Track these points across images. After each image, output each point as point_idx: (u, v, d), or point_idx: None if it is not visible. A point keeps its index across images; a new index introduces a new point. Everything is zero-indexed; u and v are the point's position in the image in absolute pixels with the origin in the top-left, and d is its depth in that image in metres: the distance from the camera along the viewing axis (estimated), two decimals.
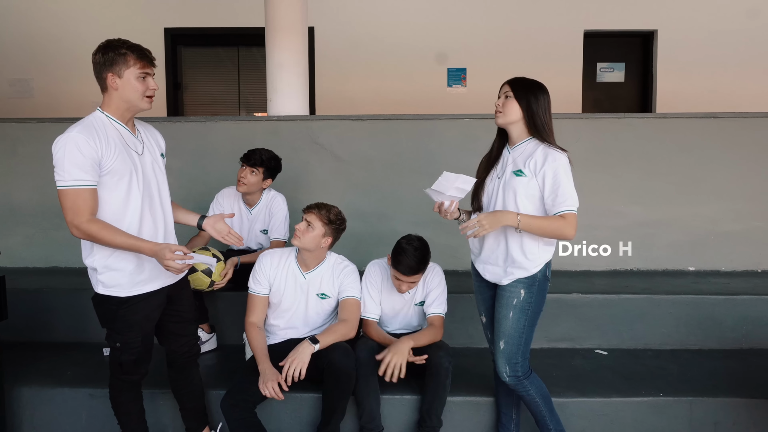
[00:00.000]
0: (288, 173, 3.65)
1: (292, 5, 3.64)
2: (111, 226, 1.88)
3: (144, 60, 1.93)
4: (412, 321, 2.64)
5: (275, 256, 2.55)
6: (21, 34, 5.64)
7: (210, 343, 2.98)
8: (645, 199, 3.63)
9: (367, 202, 3.64)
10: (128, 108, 1.96)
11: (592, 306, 3.05)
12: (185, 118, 3.75)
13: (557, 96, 5.55)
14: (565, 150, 2.08)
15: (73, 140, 1.82)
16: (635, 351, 2.98)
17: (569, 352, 2.98)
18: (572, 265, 3.65)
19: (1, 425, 2.37)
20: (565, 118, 3.60)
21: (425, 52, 5.68)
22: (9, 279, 2.48)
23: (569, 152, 2.08)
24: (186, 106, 6.06)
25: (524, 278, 2.09)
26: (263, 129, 3.66)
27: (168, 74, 5.82)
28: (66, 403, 2.53)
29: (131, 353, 2.04)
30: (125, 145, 1.95)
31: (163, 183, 2.10)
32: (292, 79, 3.68)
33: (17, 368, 2.62)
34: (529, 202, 2.06)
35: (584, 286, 3.25)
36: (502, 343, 2.10)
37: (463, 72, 5.77)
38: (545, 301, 2.22)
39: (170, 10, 5.68)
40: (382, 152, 3.65)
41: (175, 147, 3.60)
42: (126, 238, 1.88)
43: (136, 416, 2.20)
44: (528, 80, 2.10)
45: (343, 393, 2.30)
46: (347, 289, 2.50)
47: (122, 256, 1.95)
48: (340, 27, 5.68)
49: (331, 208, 2.47)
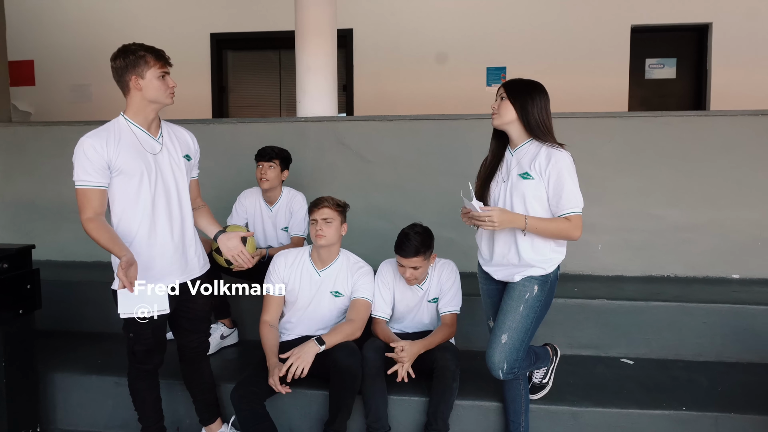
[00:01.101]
0: (314, 173, 3.74)
1: (320, 9, 3.70)
2: (105, 228, 1.97)
3: (161, 60, 2.04)
4: (423, 319, 2.62)
5: (289, 256, 2.60)
6: (81, 42, 5.99)
7: (231, 337, 3.08)
8: (683, 202, 3.44)
9: (391, 202, 3.64)
10: (152, 107, 2.06)
11: (619, 313, 2.92)
12: (218, 120, 3.88)
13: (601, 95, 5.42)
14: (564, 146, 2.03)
15: (83, 145, 1.96)
16: (665, 362, 2.83)
17: (592, 360, 2.87)
18: (603, 270, 3.51)
19: (36, 407, 2.55)
20: (597, 117, 3.49)
21: (464, 51, 5.61)
22: (56, 271, 2.68)
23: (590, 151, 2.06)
24: (230, 108, 6.27)
25: (539, 276, 2.06)
26: (292, 130, 3.73)
27: (213, 77, 6.04)
28: (94, 389, 2.68)
29: (143, 344, 2.14)
30: (140, 147, 2.05)
31: (182, 182, 2.17)
32: (320, 81, 3.73)
33: (53, 355, 2.80)
34: (538, 204, 2.02)
35: (612, 291, 3.12)
36: (504, 337, 2.05)
37: (502, 71, 5.66)
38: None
39: (216, 16, 5.88)
40: (406, 152, 3.64)
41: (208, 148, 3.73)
42: (108, 242, 1.94)
43: (151, 404, 2.30)
44: (524, 81, 2.07)
45: (348, 392, 2.32)
46: (359, 289, 2.52)
47: (139, 251, 2.04)
48: (379, 28, 5.70)
49: (330, 197, 2.55)
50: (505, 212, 1.98)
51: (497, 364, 2.05)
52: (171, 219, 2.13)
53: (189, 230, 2.21)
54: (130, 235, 2.05)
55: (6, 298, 2.32)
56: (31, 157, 4.01)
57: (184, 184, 2.19)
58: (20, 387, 2.42)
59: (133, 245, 2.04)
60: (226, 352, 3.01)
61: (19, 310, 2.39)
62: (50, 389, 2.68)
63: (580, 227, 2.00)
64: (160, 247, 2.10)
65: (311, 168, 3.72)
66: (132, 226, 2.05)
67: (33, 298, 2.47)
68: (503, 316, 2.08)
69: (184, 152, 2.20)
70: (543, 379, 2.44)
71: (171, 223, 2.13)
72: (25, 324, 2.44)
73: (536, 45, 5.50)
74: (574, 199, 1.99)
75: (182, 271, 2.17)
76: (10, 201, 4.09)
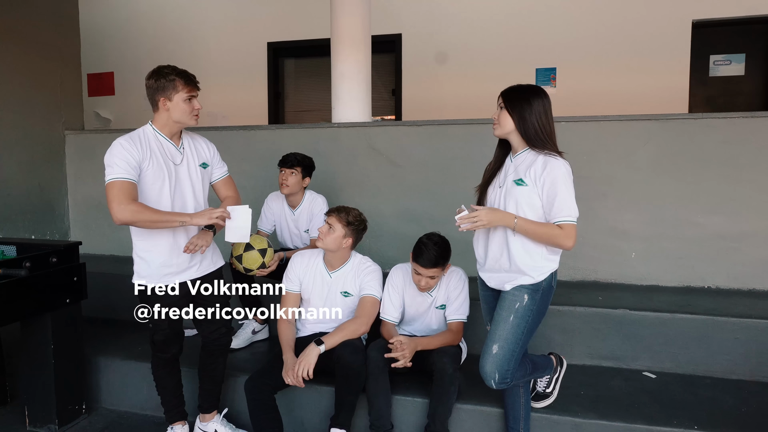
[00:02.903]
0: (347, 178, 3.86)
1: (354, 18, 3.81)
2: (149, 207, 2.13)
3: (190, 84, 2.23)
4: (431, 324, 2.66)
5: (305, 256, 2.74)
6: (153, 54, 6.45)
7: (262, 333, 3.26)
8: (727, 209, 3.23)
9: (420, 205, 3.69)
10: (177, 125, 2.27)
11: (642, 324, 2.81)
12: (258, 126, 4.10)
13: (659, 95, 5.17)
14: (563, 154, 2.02)
15: (117, 147, 2.16)
16: (691, 378, 2.70)
17: (611, 372, 2.78)
18: (636, 279, 3.37)
19: (82, 387, 2.84)
20: (632, 120, 3.36)
21: (512, 53, 5.52)
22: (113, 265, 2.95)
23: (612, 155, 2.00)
24: (286, 113, 6.55)
25: (529, 285, 2.06)
26: (326, 135, 3.88)
27: (270, 84, 6.34)
28: (132, 374, 2.95)
29: (160, 334, 2.36)
30: (164, 155, 2.25)
31: (198, 189, 2.36)
32: (353, 87, 3.84)
33: (98, 341, 3.11)
34: (530, 210, 2.03)
35: (640, 301, 2.99)
36: (495, 347, 2.06)
37: (552, 72, 5.52)
38: (547, 311, 2.17)
39: (272, 27, 6.17)
40: (435, 157, 3.67)
41: (249, 152, 4.00)
42: (159, 216, 2.13)
43: (171, 390, 2.51)
44: (522, 88, 2.06)
45: (351, 388, 2.41)
46: (366, 287, 2.62)
47: (153, 250, 2.26)
48: (427, 32, 5.74)
49: (351, 210, 2.60)
50: (494, 211, 2.02)
51: (489, 374, 2.06)
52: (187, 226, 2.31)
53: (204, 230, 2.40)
54: (151, 238, 2.26)
55: (55, 288, 2.62)
56: (98, 162, 4.34)
57: (200, 192, 2.38)
58: (67, 368, 2.72)
59: (154, 247, 2.25)
60: (257, 346, 3.19)
61: (67, 299, 2.68)
62: (95, 372, 2.98)
63: (572, 237, 1.98)
64: (178, 249, 2.29)
65: (344, 172, 3.85)
66: (152, 232, 2.24)
67: (79, 289, 2.76)
68: (494, 326, 2.10)
69: (201, 161, 2.39)
70: (547, 388, 2.42)
71: (187, 228, 2.31)
72: (72, 312, 2.73)
73: (588, 44, 5.32)
74: (566, 208, 1.97)
75: (198, 268, 2.38)
76: (80, 201, 4.55)
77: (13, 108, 4.05)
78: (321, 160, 3.58)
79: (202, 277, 2.40)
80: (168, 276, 2.30)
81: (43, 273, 2.55)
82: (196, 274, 2.37)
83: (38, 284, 2.52)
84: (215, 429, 2.57)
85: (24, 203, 4.15)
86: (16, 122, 4.08)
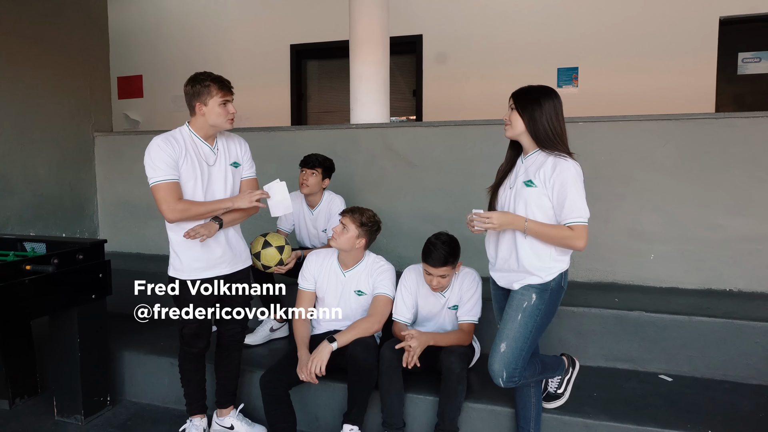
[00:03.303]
0: (365, 178, 3.91)
1: (371, 19, 3.85)
2: (193, 202, 2.28)
3: (224, 89, 2.31)
4: (445, 325, 2.68)
5: (320, 255, 2.79)
6: (180, 57, 6.62)
7: (281, 331, 3.32)
8: (750, 211, 3.16)
9: (437, 206, 3.71)
10: (213, 128, 2.36)
11: (658, 326, 2.77)
12: (278, 128, 4.17)
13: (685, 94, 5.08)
14: (573, 155, 2.03)
15: (156, 146, 2.26)
16: (708, 382, 2.66)
17: (626, 374, 2.76)
18: (655, 281, 3.33)
19: (107, 379, 2.96)
20: (650, 120, 3.32)
21: (533, 52, 5.49)
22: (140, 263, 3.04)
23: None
24: (309, 114, 6.64)
25: (537, 284, 2.07)
26: (344, 136, 3.93)
27: (293, 86, 6.43)
28: (154, 368, 3.04)
29: (189, 327, 2.44)
30: (198, 156, 2.34)
31: (230, 188, 2.44)
32: (372, 89, 3.89)
33: (123, 336, 3.21)
34: (539, 211, 2.04)
35: (657, 303, 2.95)
36: (503, 346, 2.07)
37: (574, 71, 5.47)
38: (557, 311, 2.18)
39: (296, 29, 6.26)
40: (453, 157, 3.69)
41: (269, 153, 4.07)
42: (207, 207, 2.29)
43: (195, 385, 2.60)
44: (532, 89, 2.07)
45: (363, 385, 2.45)
46: (379, 286, 2.65)
47: (187, 246, 2.34)
48: (448, 33, 5.75)
49: (365, 211, 2.64)
50: (505, 214, 2.04)
51: (497, 372, 2.08)
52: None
53: (233, 231, 2.49)
54: (177, 228, 2.34)
55: (81, 284, 2.73)
56: (125, 163, 4.56)
57: (231, 190, 2.45)
58: (92, 361, 2.83)
59: (185, 241, 2.33)
60: (276, 343, 3.24)
61: (92, 295, 2.79)
62: (119, 365, 3.09)
63: (583, 237, 1.98)
64: (207, 246, 2.38)
65: (362, 173, 3.90)
66: (185, 225, 2.33)
67: (104, 286, 2.87)
68: (503, 325, 2.11)
69: (233, 160, 2.47)
70: (558, 389, 2.41)
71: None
72: (97, 307, 2.84)
73: (612, 42, 5.25)
74: (577, 209, 1.97)
75: (229, 263, 2.46)
76: (109, 201, 4.70)
77: (44, 111, 4.22)
78: (339, 160, 3.62)
79: (231, 275, 2.47)
80: (198, 270, 2.39)
81: (70, 270, 2.66)
82: (226, 270, 2.45)
83: (65, 280, 2.63)
84: (231, 423, 2.64)
85: (55, 202, 4.32)
86: (48, 124, 4.25)
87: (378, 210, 2.61)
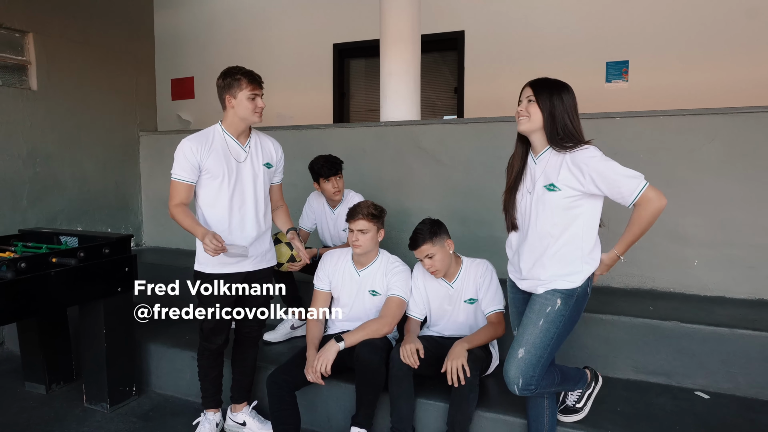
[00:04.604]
0: (393, 177, 3.85)
1: (401, 17, 3.79)
2: (187, 214, 2.32)
3: (254, 83, 2.34)
4: (459, 320, 2.59)
5: (335, 255, 2.76)
6: (228, 59, 6.77)
7: (302, 329, 3.31)
8: None
9: (466, 206, 3.59)
10: (243, 123, 2.38)
11: (695, 339, 2.55)
12: (309, 126, 4.18)
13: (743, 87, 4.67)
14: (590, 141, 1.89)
15: (182, 146, 2.35)
16: (750, 401, 2.42)
17: (658, 389, 2.55)
18: (699, 289, 3.07)
19: (132, 370, 3.06)
20: (695, 115, 3.07)
21: (580, 46, 5.22)
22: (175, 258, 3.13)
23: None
24: (351, 113, 6.64)
25: (564, 289, 1.94)
26: (373, 134, 3.89)
27: (335, 84, 6.46)
28: (178, 361, 3.11)
29: (208, 323, 2.48)
30: (227, 153, 2.38)
31: (260, 187, 2.47)
32: (401, 86, 3.82)
33: (151, 328, 3.29)
34: (565, 214, 1.90)
35: (695, 314, 2.72)
36: (521, 351, 1.94)
37: (624, 65, 5.17)
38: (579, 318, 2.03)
39: (338, 28, 6.27)
40: (482, 155, 3.56)
41: (301, 151, 4.09)
42: (189, 224, 2.30)
43: (211, 381, 2.62)
44: (551, 81, 1.94)
45: (369, 387, 2.40)
46: (393, 287, 2.60)
47: None
48: (491, 28, 5.58)
49: (366, 204, 2.61)
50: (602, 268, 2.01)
51: (512, 378, 1.96)
52: (244, 218, 2.44)
53: (262, 229, 2.51)
54: (207, 227, 2.39)
55: (107, 277, 2.83)
56: (168, 161, 4.66)
57: (261, 189, 2.48)
58: (118, 352, 2.93)
59: None
60: (294, 341, 3.24)
61: (118, 288, 2.89)
62: (146, 356, 3.19)
63: (657, 195, 1.78)
64: (230, 239, 2.39)
65: (390, 171, 3.84)
66: (211, 219, 2.40)
67: (130, 279, 2.96)
68: (522, 329, 1.99)
69: (266, 161, 2.50)
70: (577, 403, 2.26)
71: (243, 221, 2.44)
72: (123, 300, 2.94)
73: (666, 34, 4.91)
74: (630, 181, 1.78)
75: (252, 261, 2.48)
76: (152, 197, 4.89)
77: (91, 111, 4.43)
78: (368, 158, 3.60)
79: (253, 273, 2.49)
80: (222, 265, 2.41)
81: (96, 263, 2.77)
82: (249, 267, 2.47)
83: (91, 273, 2.73)
84: (244, 420, 2.66)
85: (101, 199, 4.53)
86: (95, 124, 4.46)
87: (405, 209, 2.57)
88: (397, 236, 3.72)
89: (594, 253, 1.96)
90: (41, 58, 4.04)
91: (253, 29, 6.67)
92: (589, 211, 1.91)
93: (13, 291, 2.37)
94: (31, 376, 3.19)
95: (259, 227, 2.49)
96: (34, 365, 3.16)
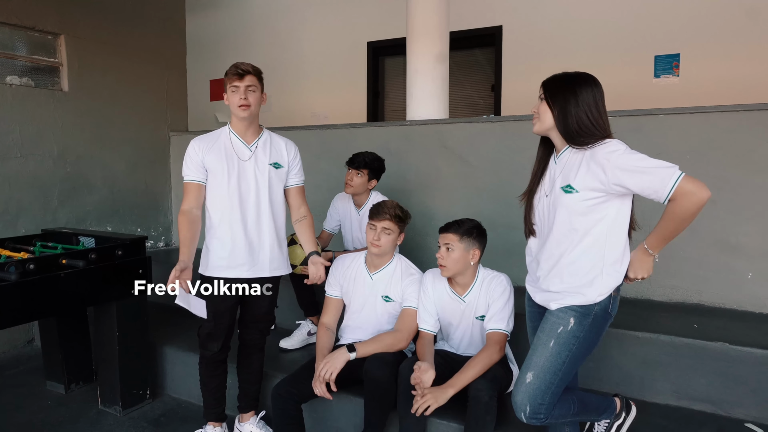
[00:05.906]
0: (418, 177, 3.68)
1: (428, 13, 3.62)
2: (188, 226, 2.25)
3: (232, 76, 2.26)
4: (475, 337, 2.40)
5: (347, 259, 2.63)
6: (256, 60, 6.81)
7: None
8: None
9: (494, 210, 3.37)
10: (236, 119, 2.32)
11: (747, 363, 2.27)
12: (334, 125, 4.06)
13: None
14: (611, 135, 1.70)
15: (191, 144, 2.32)
16: None
17: (702, 418, 2.29)
18: (754, 305, 2.76)
19: (146, 373, 3.02)
20: (748, 111, 2.76)
21: (626, 39, 4.89)
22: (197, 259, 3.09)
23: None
24: (386, 112, 6.50)
25: (577, 306, 1.74)
26: (398, 133, 3.73)
27: (369, 84, 6.33)
28: (193, 365, 3.00)
29: (205, 327, 2.40)
30: (229, 151, 2.31)
31: (264, 187, 2.36)
32: (427, 84, 3.65)
33: (167, 331, 3.27)
34: (583, 218, 1.72)
35: (747, 333, 2.44)
36: (530, 376, 1.76)
37: (675, 59, 4.79)
38: (599, 341, 1.80)
39: (372, 27, 6.15)
40: (512, 156, 3.34)
41: (325, 151, 3.99)
42: (181, 239, 2.24)
43: (211, 391, 2.51)
44: (567, 76, 1.75)
45: (377, 404, 2.25)
46: (409, 298, 2.45)
47: (217, 240, 2.32)
48: (530, 23, 5.31)
49: (393, 204, 2.46)
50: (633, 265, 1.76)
51: (519, 405, 1.77)
52: (244, 218, 2.33)
53: (266, 233, 2.38)
54: (212, 229, 2.35)
55: (121, 279, 2.79)
56: None
57: (266, 189, 2.36)
58: (131, 354, 2.89)
59: (212, 238, 2.33)
60: (311, 348, 3.13)
61: (131, 290, 2.85)
62: (161, 360, 3.15)
63: (696, 185, 1.53)
64: (230, 242, 2.32)
65: (416, 171, 3.68)
66: (213, 216, 2.34)
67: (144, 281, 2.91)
68: (532, 351, 1.81)
69: (273, 160, 2.39)
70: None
71: (244, 222, 2.33)
72: (138, 303, 2.90)
73: (718, 25, 4.52)
74: (664, 173, 1.55)
75: (250, 267, 2.36)
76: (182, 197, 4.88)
77: (122, 112, 4.47)
78: (393, 158, 3.44)
79: (255, 280, 2.38)
80: (219, 269, 2.34)
81: (108, 265, 2.73)
82: (247, 275, 2.36)
83: (102, 275, 2.69)
84: (251, 430, 2.56)
85: (131, 199, 4.56)
86: (126, 125, 4.50)
87: (430, 211, 2.41)
88: (422, 241, 3.56)
89: (620, 264, 1.75)
90: (72, 59, 4.09)
91: (287, 29, 6.63)
92: (613, 215, 1.70)
93: (19, 292, 2.34)
94: (51, 375, 3.21)
95: (266, 231, 2.37)
96: (55, 365, 3.17)
